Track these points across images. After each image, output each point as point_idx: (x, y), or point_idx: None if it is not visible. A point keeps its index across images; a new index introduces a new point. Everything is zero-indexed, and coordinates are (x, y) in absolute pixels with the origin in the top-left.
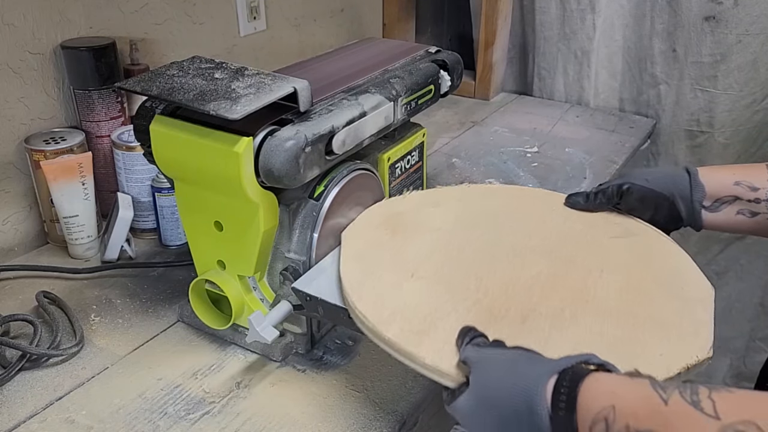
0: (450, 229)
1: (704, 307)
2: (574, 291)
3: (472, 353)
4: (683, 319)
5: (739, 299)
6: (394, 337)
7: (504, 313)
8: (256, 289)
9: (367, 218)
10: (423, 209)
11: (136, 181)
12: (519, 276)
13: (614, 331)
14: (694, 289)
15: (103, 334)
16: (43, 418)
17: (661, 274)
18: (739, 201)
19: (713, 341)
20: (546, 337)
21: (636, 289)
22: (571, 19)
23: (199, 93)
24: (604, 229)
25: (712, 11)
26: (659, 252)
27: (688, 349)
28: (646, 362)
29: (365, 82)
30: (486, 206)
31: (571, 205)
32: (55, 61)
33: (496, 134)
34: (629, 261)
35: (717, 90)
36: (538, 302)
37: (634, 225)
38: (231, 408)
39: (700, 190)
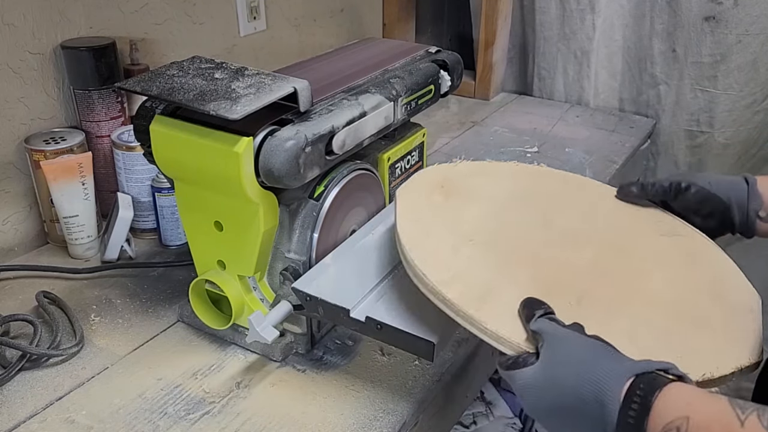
0: (503, 201)
1: (753, 316)
2: (625, 280)
3: (548, 328)
4: (732, 323)
5: None
6: (455, 299)
7: (560, 291)
8: (256, 289)
9: (421, 179)
10: (475, 178)
11: (136, 181)
12: (572, 258)
13: (665, 324)
14: (741, 296)
15: (103, 334)
16: (43, 418)
17: (709, 276)
18: None
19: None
20: (600, 320)
21: (684, 287)
22: (570, 19)
23: (199, 93)
24: (652, 225)
25: (712, 11)
26: (706, 255)
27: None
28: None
29: (365, 82)
30: (536, 185)
31: (623, 195)
32: (55, 61)
33: (496, 134)
34: (677, 259)
35: (717, 90)
36: (591, 286)
37: (681, 227)
38: (231, 408)
39: (758, 200)
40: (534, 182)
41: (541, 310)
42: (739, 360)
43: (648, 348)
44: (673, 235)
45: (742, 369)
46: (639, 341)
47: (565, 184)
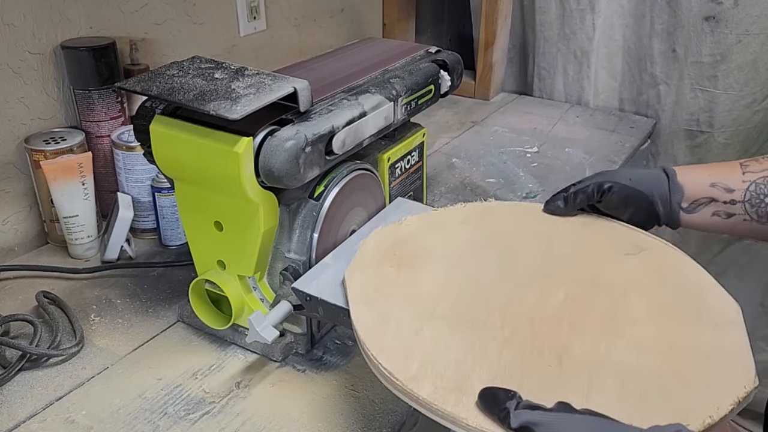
0: (459, 257)
1: (737, 328)
2: (604, 319)
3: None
4: (720, 346)
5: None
6: (428, 397)
7: (537, 354)
8: (256, 289)
9: (368, 253)
10: (425, 235)
11: (136, 181)
12: (543, 305)
13: (655, 366)
14: (720, 308)
15: (103, 334)
16: (43, 418)
17: (685, 294)
18: (715, 202)
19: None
20: (587, 381)
21: (664, 312)
22: (570, 19)
23: (199, 93)
24: (614, 244)
25: (712, 11)
26: (675, 268)
27: (733, 379)
28: (695, 398)
29: (365, 82)
30: (490, 227)
31: (551, 212)
32: (55, 61)
33: (496, 134)
34: (649, 280)
35: (717, 90)
36: (569, 336)
37: (642, 238)
38: (231, 408)
39: (679, 192)
40: (485, 224)
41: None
42: (736, 392)
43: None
44: (638, 252)
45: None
46: (631, 396)
47: (519, 217)
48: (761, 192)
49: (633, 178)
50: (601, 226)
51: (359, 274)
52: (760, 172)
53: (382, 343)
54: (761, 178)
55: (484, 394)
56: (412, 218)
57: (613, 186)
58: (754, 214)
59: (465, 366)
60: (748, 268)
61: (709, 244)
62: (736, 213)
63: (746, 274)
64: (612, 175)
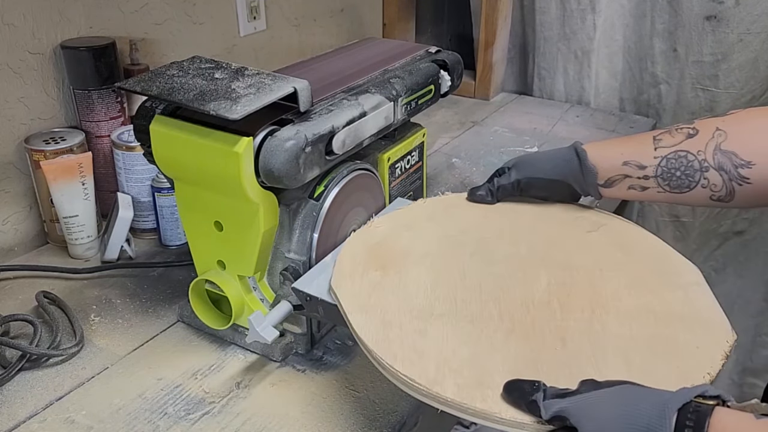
0: (438, 254)
1: (703, 289)
2: (588, 297)
3: (566, 405)
4: (694, 307)
5: (741, 296)
6: (456, 396)
7: (541, 339)
8: (256, 289)
9: (348, 258)
10: (399, 235)
11: (136, 181)
12: (530, 291)
13: (645, 332)
14: (684, 273)
15: (103, 334)
16: (43, 418)
17: (650, 263)
18: (629, 178)
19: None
20: (593, 354)
21: (638, 283)
22: (571, 19)
23: (199, 93)
24: (574, 224)
25: (713, 11)
26: (634, 240)
27: (716, 337)
28: (690, 358)
29: (365, 82)
30: (457, 221)
31: (475, 201)
32: (55, 61)
33: (496, 134)
34: (615, 254)
35: (718, 89)
36: (563, 317)
37: (596, 214)
38: (231, 408)
39: (591, 173)
40: (452, 218)
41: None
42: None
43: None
44: (597, 228)
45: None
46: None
47: (477, 209)
48: (672, 166)
49: (547, 169)
50: (558, 207)
51: (346, 282)
52: (671, 147)
53: (393, 349)
54: (672, 153)
55: (510, 388)
56: (380, 219)
57: (530, 181)
58: (667, 186)
59: (479, 360)
60: (747, 264)
61: (707, 239)
62: (650, 186)
63: (745, 270)
64: (527, 168)
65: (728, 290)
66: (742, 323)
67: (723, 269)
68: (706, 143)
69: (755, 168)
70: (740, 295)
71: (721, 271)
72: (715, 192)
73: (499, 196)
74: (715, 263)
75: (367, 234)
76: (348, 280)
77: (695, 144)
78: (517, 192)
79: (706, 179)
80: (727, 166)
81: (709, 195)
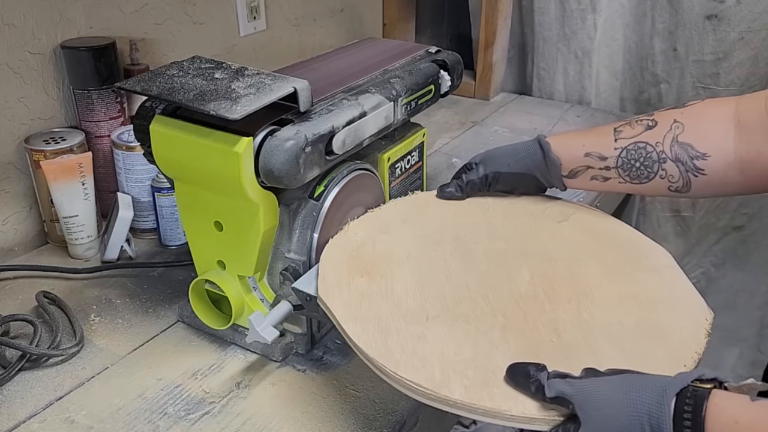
0: (420, 255)
1: (676, 271)
2: (572, 287)
3: (567, 388)
4: (670, 289)
5: (743, 289)
6: (464, 398)
7: (536, 332)
8: (256, 289)
9: (331, 267)
10: (377, 240)
11: (136, 181)
12: (516, 285)
13: (632, 317)
14: (656, 257)
15: (103, 334)
16: (43, 418)
17: (624, 249)
18: (591, 169)
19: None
20: (587, 344)
21: (615, 270)
22: (571, 19)
23: (199, 93)
24: (544, 215)
25: (714, 10)
26: (604, 228)
27: (695, 316)
28: (677, 340)
29: (365, 82)
30: (431, 220)
31: (445, 197)
32: (55, 61)
33: (496, 134)
34: (589, 243)
35: (719, 87)
36: (552, 308)
37: (562, 204)
38: (231, 408)
39: (555, 166)
40: (426, 218)
41: (543, 373)
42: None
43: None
44: (567, 218)
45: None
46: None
47: (449, 206)
48: (632, 157)
49: (512, 163)
50: (526, 200)
51: (334, 291)
52: (631, 138)
53: (396, 357)
54: (631, 144)
55: (514, 372)
56: (354, 224)
57: (496, 175)
58: (627, 177)
59: (482, 359)
60: (746, 258)
61: (706, 234)
62: (612, 177)
63: (746, 264)
64: (493, 162)
65: (729, 284)
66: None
67: (722, 264)
68: (664, 135)
69: (710, 160)
70: (743, 288)
71: (720, 265)
72: (673, 183)
73: (469, 192)
74: (714, 258)
75: (345, 240)
76: (335, 289)
77: (654, 135)
78: (486, 187)
79: (664, 170)
80: (684, 157)
81: (667, 186)
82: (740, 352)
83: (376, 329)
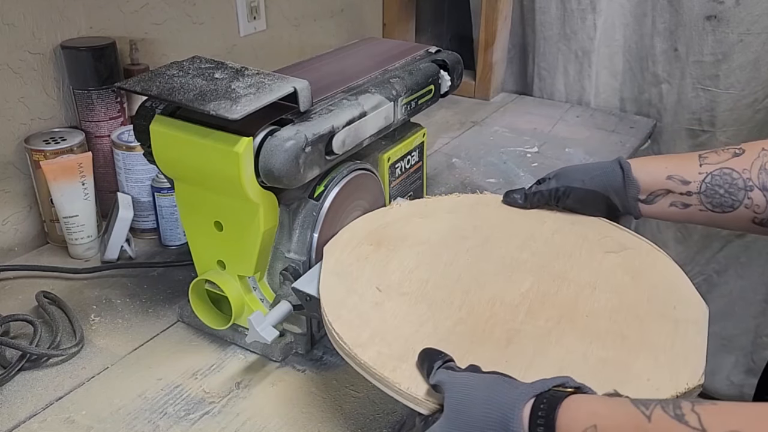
0: (438, 242)
1: (698, 329)
2: (563, 310)
3: (445, 377)
4: (675, 342)
5: (742, 296)
6: (370, 361)
7: (488, 334)
8: (256, 289)
9: (352, 231)
10: (411, 221)
11: (136, 181)
12: (507, 292)
13: (600, 353)
14: (687, 309)
15: (103, 334)
16: (43, 418)
17: (655, 292)
18: (671, 194)
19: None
20: (529, 361)
21: (628, 308)
22: (571, 19)
23: (199, 93)
24: (597, 242)
25: (714, 10)
26: (653, 267)
27: (678, 375)
28: (633, 387)
29: (365, 82)
30: (476, 218)
31: (508, 203)
32: (55, 61)
33: (496, 134)
34: (622, 278)
35: (719, 89)
36: (523, 321)
37: (628, 238)
38: (231, 408)
39: (634, 186)
40: (473, 214)
41: (440, 361)
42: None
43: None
44: (620, 251)
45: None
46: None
47: (505, 211)
48: (716, 183)
49: (586, 180)
50: (590, 224)
51: (338, 250)
52: (717, 164)
53: (340, 311)
54: (717, 170)
55: (423, 354)
56: (404, 203)
57: (567, 190)
58: (709, 204)
59: (414, 339)
60: (748, 266)
61: (709, 242)
62: (692, 204)
63: (746, 272)
64: (567, 177)
65: (729, 291)
66: (743, 324)
67: (725, 271)
68: (751, 162)
69: None
70: (741, 297)
71: (723, 272)
72: (758, 214)
73: (533, 202)
74: (717, 265)
75: (383, 214)
76: (339, 248)
77: (741, 162)
78: (554, 201)
79: (750, 199)
80: None
81: (751, 217)
82: (736, 359)
83: (346, 287)
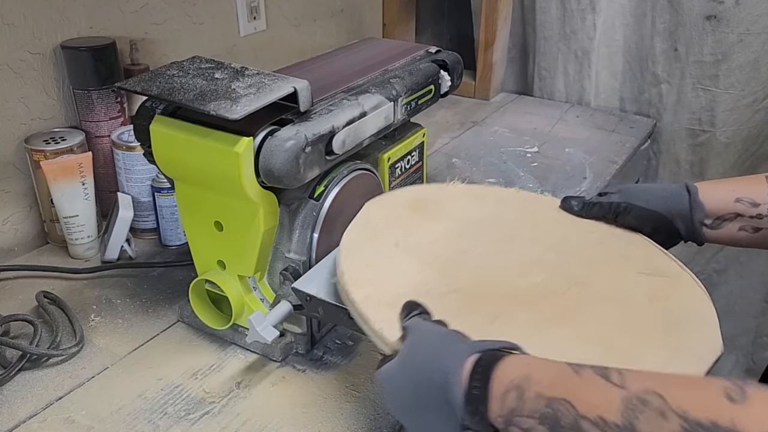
0: (471, 224)
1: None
2: (562, 309)
3: (411, 324)
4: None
5: (742, 296)
6: (357, 299)
7: (476, 308)
8: (256, 289)
9: (399, 194)
10: (458, 200)
11: (136, 181)
12: (513, 282)
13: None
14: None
15: (103, 334)
16: (43, 418)
17: (668, 317)
18: (740, 218)
19: None
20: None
21: (631, 328)
22: (571, 19)
23: (199, 93)
24: (635, 262)
25: (714, 10)
26: (679, 295)
27: None
28: None
29: (365, 82)
30: (523, 213)
31: (566, 209)
32: (55, 61)
33: (496, 134)
34: (642, 301)
35: (718, 89)
36: (516, 307)
37: (671, 266)
38: (231, 408)
39: (701, 210)
40: (521, 210)
41: (417, 311)
42: None
43: None
44: (656, 275)
45: None
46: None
47: (556, 213)
48: None
49: (650, 200)
50: (638, 245)
51: (378, 208)
52: None
53: (353, 252)
54: None
55: (406, 303)
56: (462, 185)
57: (628, 207)
58: None
59: (407, 295)
60: (748, 265)
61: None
62: (764, 227)
63: (747, 271)
64: (630, 194)
65: (729, 291)
66: (743, 324)
67: (725, 270)
68: None
69: None
70: (741, 296)
71: (723, 272)
72: None
73: (591, 212)
74: (717, 265)
75: (439, 188)
76: (380, 207)
77: None
78: (612, 215)
79: None
80: None
81: None
82: (736, 359)
83: (368, 237)
